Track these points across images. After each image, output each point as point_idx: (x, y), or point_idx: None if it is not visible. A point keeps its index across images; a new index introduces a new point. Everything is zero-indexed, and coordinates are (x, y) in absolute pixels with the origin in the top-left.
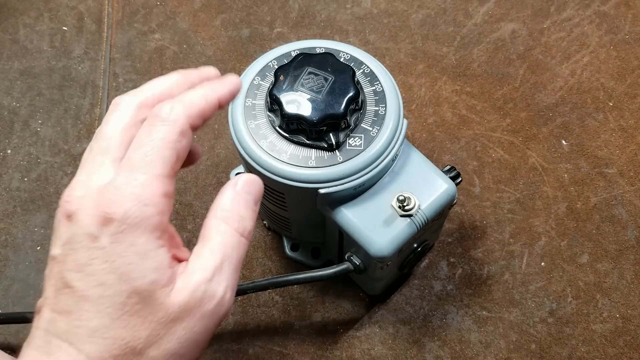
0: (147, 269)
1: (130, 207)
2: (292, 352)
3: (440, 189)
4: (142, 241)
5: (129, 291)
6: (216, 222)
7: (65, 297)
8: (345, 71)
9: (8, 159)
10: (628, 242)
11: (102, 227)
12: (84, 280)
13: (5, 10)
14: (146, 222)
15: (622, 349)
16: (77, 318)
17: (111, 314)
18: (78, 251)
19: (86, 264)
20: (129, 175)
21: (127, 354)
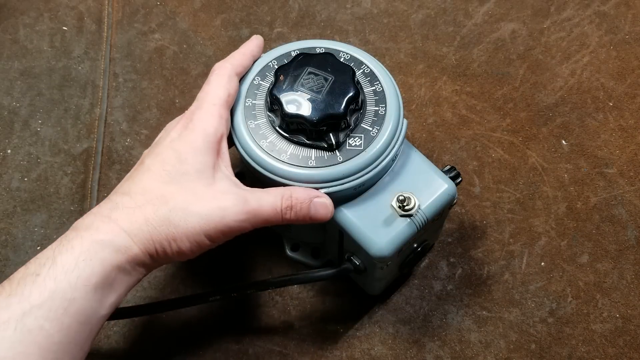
0: (198, 161)
1: (197, 117)
2: (292, 352)
3: (440, 189)
4: (199, 141)
5: (182, 171)
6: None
7: (136, 171)
8: (345, 71)
9: (8, 159)
10: (628, 242)
11: (178, 129)
12: (153, 159)
13: (5, 10)
14: (204, 129)
15: (622, 349)
16: (139, 180)
17: (164, 181)
18: (157, 145)
19: (159, 150)
20: (197, 104)
21: (162, 207)
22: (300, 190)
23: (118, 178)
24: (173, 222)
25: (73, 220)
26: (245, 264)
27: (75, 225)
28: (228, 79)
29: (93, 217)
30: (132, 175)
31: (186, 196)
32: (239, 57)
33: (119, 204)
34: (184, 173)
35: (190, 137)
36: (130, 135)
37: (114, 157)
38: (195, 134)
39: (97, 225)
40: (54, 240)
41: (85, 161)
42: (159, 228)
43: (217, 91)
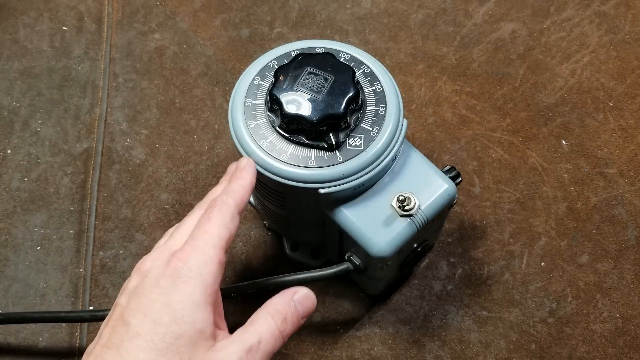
0: (197, 319)
1: (194, 263)
2: (292, 352)
3: (440, 189)
4: (197, 293)
5: (178, 333)
6: (265, 314)
7: (118, 334)
8: (345, 71)
9: (8, 159)
10: (628, 242)
11: (168, 277)
12: (141, 319)
13: (5, 10)
14: (203, 278)
15: (622, 349)
16: (125, 350)
17: (158, 350)
18: (142, 296)
19: (147, 306)
20: (193, 244)
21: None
22: (277, 298)
23: (118, 178)
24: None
25: (73, 220)
26: (245, 264)
27: None
28: (231, 219)
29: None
30: (114, 341)
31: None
32: (241, 191)
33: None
34: (181, 336)
35: (186, 288)
36: (130, 135)
37: (114, 157)
38: (193, 285)
39: None
40: (53, 241)
41: (85, 161)
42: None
43: (219, 231)
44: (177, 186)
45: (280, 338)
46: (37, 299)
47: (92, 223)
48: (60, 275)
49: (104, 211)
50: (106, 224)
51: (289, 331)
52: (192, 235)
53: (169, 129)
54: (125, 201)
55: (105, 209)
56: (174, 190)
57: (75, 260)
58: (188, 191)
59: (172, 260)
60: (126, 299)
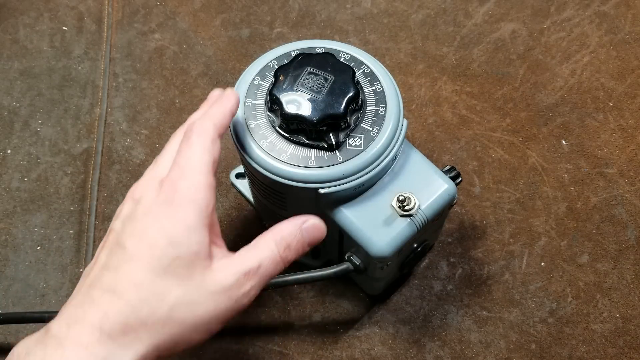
0: (193, 241)
1: (184, 190)
2: (292, 352)
3: (440, 189)
4: (192, 217)
5: (175, 255)
6: (269, 240)
7: (116, 256)
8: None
9: (8, 159)
10: (628, 242)
11: (161, 204)
12: (137, 244)
13: (5, 10)
14: (196, 203)
15: (622, 349)
16: (124, 272)
17: (156, 271)
18: (136, 221)
19: (142, 231)
20: (180, 171)
21: (161, 306)
22: (286, 224)
23: (118, 178)
24: (178, 320)
25: (73, 220)
26: None
27: (57, 332)
28: (212, 142)
29: (80, 327)
30: (112, 264)
31: (187, 287)
32: (220, 116)
33: (109, 310)
34: (177, 257)
35: (179, 213)
36: (130, 135)
37: (114, 157)
38: (186, 209)
39: (87, 342)
40: (53, 241)
41: (85, 161)
42: (161, 330)
43: (202, 157)
44: None
45: (282, 264)
46: (37, 299)
47: (92, 223)
48: (60, 275)
49: (104, 211)
50: (106, 224)
51: (291, 258)
52: (177, 162)
53: (169, 129)
54: None
55: (105, 209)
56: None
57: (75, 260)
58: None
59: (162, 187)
60: (120, 225)
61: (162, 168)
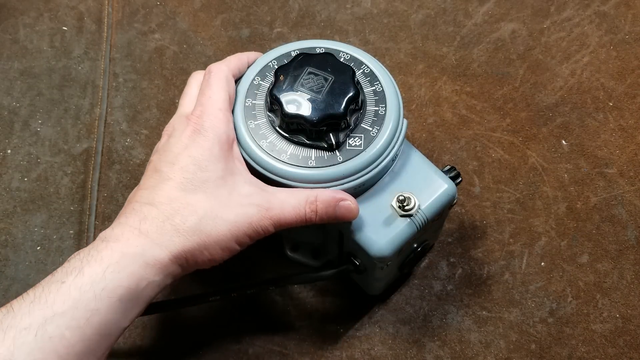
0: (218, 168)
1: (208, 125)
2: (292, 352)
3: (440, 189)
4: (216, 148)
5: (204, 178)
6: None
7: (152, 179)
8: (345, 71)
9: (8, 159)
10: (628, 242)
11: (190, 136)
12: (170, 167)
13: (5, 10)
14: (218, 136)
15: (622, 349)
16: (160, 189)
17: (188, 190)
18: (169, 151)
19: (174, 157)
20: (202, 109)
21: (192, 215)
22: (326, 193)
23: (118, 178)
24: (204, 231)
25: (73, 220)
26: (245, 264)
27: (103, 236)
28: (226, 81)
29: (122, 228)
30: (150, 184)
31: (213, 203)
32: (234, 60)
33: (147, 215)
34: (205, 180)
35: (205, 143)
36: (130, 135)
37: (114, 157)
38: (210, 140)
39: (127, 237)
40: (53, 241)
41: (85, 161)
42: (190, 238)
43: (220, 94)
44: None
45: (303, 220)
46: None
47: (92, 223)
48: None
49: (104, 211)
50: (106, 224)
51: (313, 221)
52: (199, 100)
53: None
54: (125, 201)
55: (105, 209)
56: None
57: None
58: None
59: (189, 122)
60: (157, 155)
61: (186, 107)
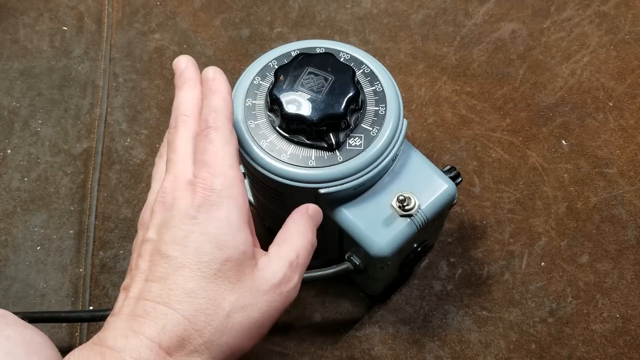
0: (239, 241)
1: (221, 188)
2: (292, 352)
3: (440, 189)
4: (234, 215)
5: (224, 258)
6: (294, 230)
7: (161, 267)
8: (345, 71)
9: (8, 159)
10: (628, 242)
11: (198, 207)
12: (182, 251)
13: (5, 10)
14: (234, 200)
15: (622, 349)
16: (173, 282)
17: (207, 278)
18: (175, 229)
19: (184, 237)
20: (210, 170)
21: (217, 314)
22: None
23: (118, 178)
24: (234, 327)
25: (73, 220)
26: None
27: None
28: (231, 134)
29: (138, 342)
30: (159, 274)
31: (239, 291)
32: (224, 104)
33: (166, 323)
34: (226, 260)
35: (221, 214)
36: (130, 135)
37: (114, 157)
38: (226, 208)
39: (146, 357)
40: (53, 241)
41: (85, 161)
42: (219, 340)
43: (227, 150)
44: None
45: (311, 250)
46: (37, 299)
47: (92, 223)
48: (60, 275)
49: (104, 211)
50: (106, 224)
51: (315, 242)
52: (203, 161)
53: None
54: (125, 201)
55: (105, 209)
56: None
57: (75, 260)
58: None
59: (196, 190)
60: (156, 233)
61: (182, 168)
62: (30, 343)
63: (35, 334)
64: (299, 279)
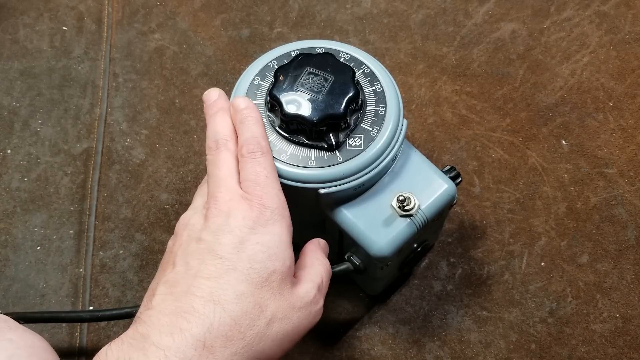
0: (287, 256)
1: (275, 207)
2: (292, 352)
3: (440, 189)
4: (285, 233)
5: (272, 269)
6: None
7: (213, 266)
8: (345, 71)
9: (8, 159)
10: (628, 242)
11: (257, 219)
12: (236, 255)
13: (5, 10)
14: (285, 219)
15: (622, 349)
16: (226, 282)
17: (255, 284)
18: (231, 234)
19: (240, 243)
20: (264, 189)
21: (259, 319)
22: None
23: (118, 178)
24: (271, 335)
25: (73, 220)
26: None
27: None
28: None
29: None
30: (210, 273)
31: (279, 302)
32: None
33: (213, 321)
34: (274, 271)
35: (275, 229)
36: (130, 135)
37: (114, 157)
38: (280, 225)
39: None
40: (53, 241)
41: (85, 161)
42: (256, 346)
43: (274, 174)
44: (177, 186)
45: (330, 276)
46: (37, 299)
47: (92, 223)
48: (60, 275)
49: (104, 211)
50: (106, 224)
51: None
52: (255, 181)
53: (169, 129)
54: (125, 201)
55: (105, 209)
56: (174, 190)
57: (75, 260)
58: (188, 191)
59: (252, 204)
60: (212, 236)
61: (232, 183)
62: (32, 347)
63: (36, 339)
64: (322, 302)
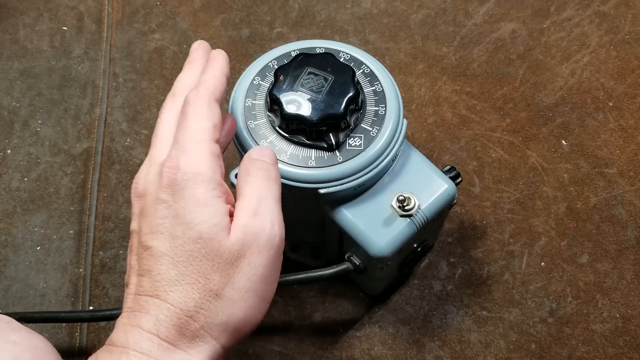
0: (207, 214)
1: (186, 165)
2: (292, 352)
3: (440, 189)
4: (200, 192)
5: (195, 237)
6: (242, 178)
7: (145, 259)
8: (345, 71)
9: (8, 159)
10: (628, 242)
11: (166, 189)
12: (158, 239)
13: (5, 10)
14: (200, 176)
15: (622, 349)
16: (157, 273)
17: (184, 262)
18: (149, 217)
19: (158, 224)
20: (178, 147)
21: (205, 296)
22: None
23: (118, 178)
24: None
25: (73, 220)
26: None
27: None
28: (208, 108)
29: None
30: (144, 267)
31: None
32: (212, 81)
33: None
34: (198, 237)
35: (186, 193)
36: (130, 135)
37: (114, 157)
38: (192, 186)
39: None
40: (53, 241)
41: (85, 161)
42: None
43: (200, 124)
44: None
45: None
46: (37, 299)
47: (92, 223)
48: (60, 275)
49: (104, 211)
50: (106, 224)
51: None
52: (176, 139)
53: None
54: (125, 201)
55: (105, 209)
56: None
57: (75, 260)
58: None
59: (163, 171)
60: (137, 224)
61: (159, 151)
62: (36, 349)
63: (39, 340)
64: (272, 222)
